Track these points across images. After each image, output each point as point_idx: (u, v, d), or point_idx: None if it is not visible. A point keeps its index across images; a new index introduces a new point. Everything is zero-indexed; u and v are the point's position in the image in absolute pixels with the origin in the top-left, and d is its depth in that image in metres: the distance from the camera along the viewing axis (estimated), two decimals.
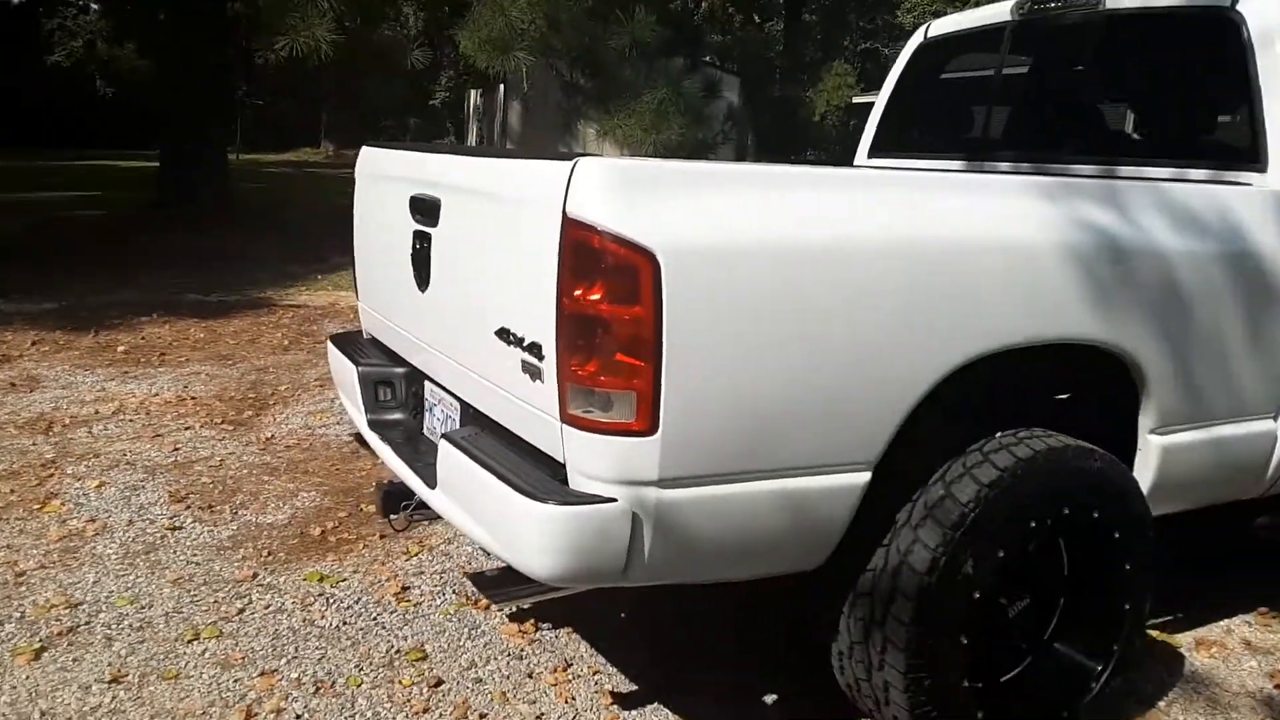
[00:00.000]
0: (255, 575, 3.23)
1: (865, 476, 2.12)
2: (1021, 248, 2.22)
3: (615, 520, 1.88)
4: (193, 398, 5.21)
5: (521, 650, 2.85)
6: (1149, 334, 2.42)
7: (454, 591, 3.17)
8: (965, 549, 2.16)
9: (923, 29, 3.97)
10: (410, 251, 2.57)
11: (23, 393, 5.10)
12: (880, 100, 4.10)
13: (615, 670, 2.78)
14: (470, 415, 2.43)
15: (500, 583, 2.21)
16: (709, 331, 1.87)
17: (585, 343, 1.85)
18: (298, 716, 2.48)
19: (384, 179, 2.86)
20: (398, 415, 2.84)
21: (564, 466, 1.97)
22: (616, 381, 1.84)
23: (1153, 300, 2.42)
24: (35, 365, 5.65)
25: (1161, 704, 2.74)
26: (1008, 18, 3.55)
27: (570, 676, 2.74)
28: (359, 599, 3.09)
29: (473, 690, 2.64)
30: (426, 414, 2.74)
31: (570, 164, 1.86)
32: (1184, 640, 3.08)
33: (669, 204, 1.84)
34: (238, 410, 4.99)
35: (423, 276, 2.52)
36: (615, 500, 1.88)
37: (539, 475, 2.00)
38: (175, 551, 3.37)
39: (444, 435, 2.27)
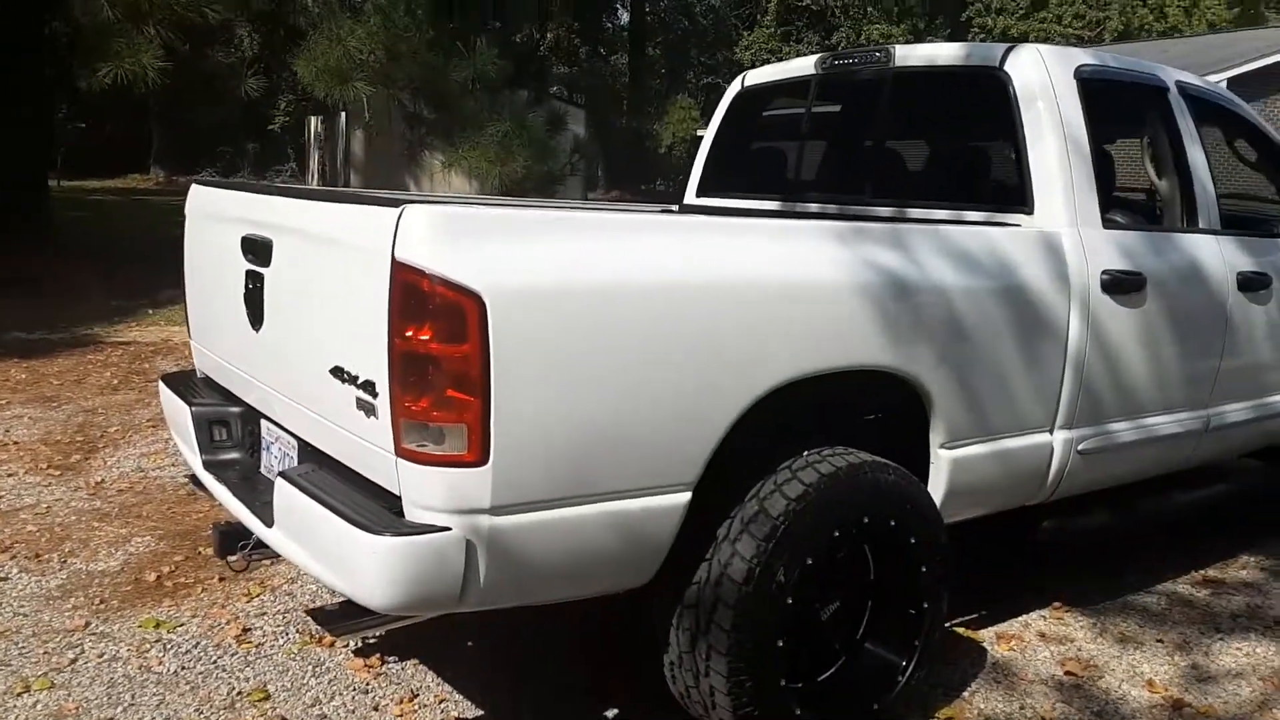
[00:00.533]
0: (88, 624, 3.15)
1: (686, 496, 2.30)
2: (818, 286, 2.45)
3: (450, 548, 1.99)
4: (15, 442, 4.98)
5: (367, 684, 2.89)
6: (932, 360, 2.69)
7: (297, 630, 3.18)
8: (778, 558, 2.36)
9: (740, 79, 4.25)
10: (243, 291, 2.61)
11: None
12: (704, 143, 4.36)
13: (461, 697, 2.86)
14: (308, 452, 2.49)
15: (342, 616, 2.26)
16: (535, 367, 2.00)
17: (417, 380, 1.96)
18: None
19: (215, 218, 2.89)
20: (234, 455, 2.85)
21: (399, 499, 2.07)
22: (448, 416, 1.95)
23: (935, 331, 2.69)
24: None
25: (965, 693, 3.02)
26: (813, 71, 3.87)
27: (417, 706, 2.80)
28: (198, 643, 3.06)
29: None
30: (263, 453, 2.76)
31: (398, 210, 1.96)
32: (986, 635, 3.39)
33: (493, 248, 1.97)
34: (65, 454, 4.80)
35: (256, 316, 2.57)
36: (450, 529, 1.98)
37: (375, 508, 2.09)
38: (0, 603, 3.24)
39: (280, 473, 2.32)
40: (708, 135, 4.38)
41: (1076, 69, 3.25)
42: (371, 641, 3.14)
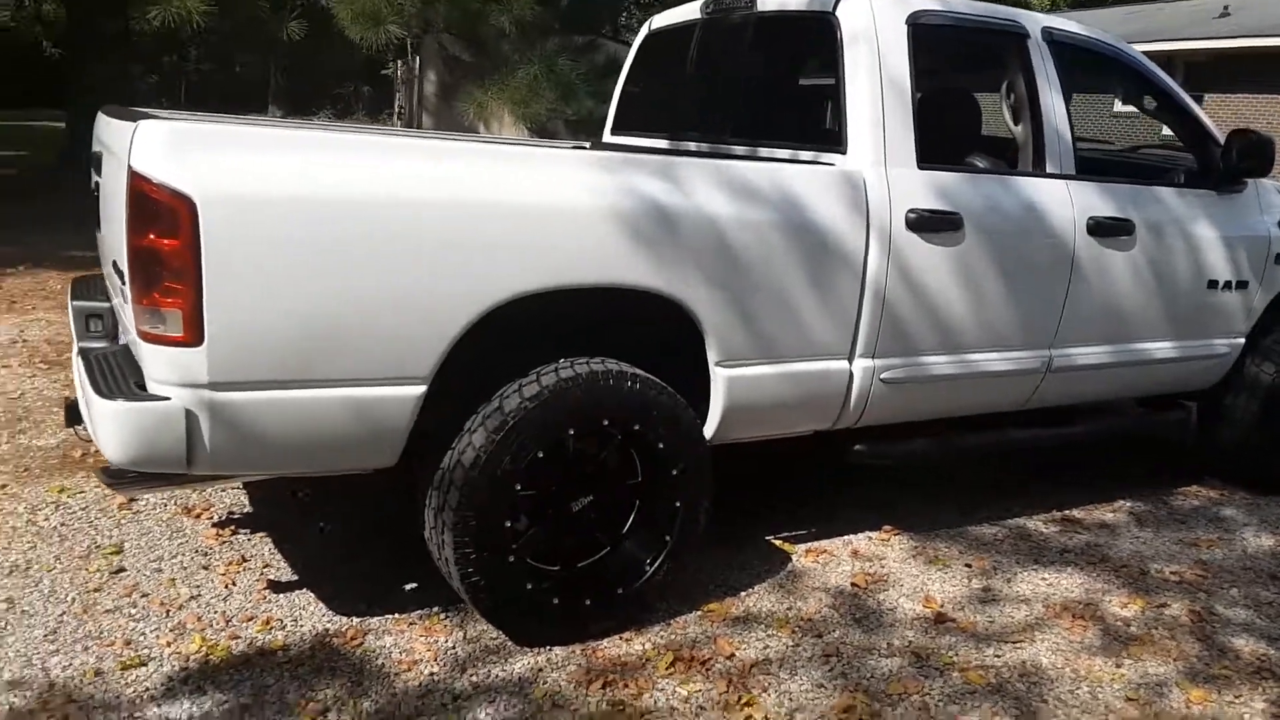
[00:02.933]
0: (4, 486, 3.68)
1: (420, 389, 2.59)
2: (566, 210, 2.68)
3: (170, 415, 2.35)
4: (25, 341, 5.64)
5: (210, 548, 3.33)
6: (702, 285, 2.87)
7: (179, 506, 3.64)
8: (505, 449, 2.66)
9: (648, 22, 4.43)
10: (93, 199, 3.03)
11: None
12: (619, 83, 4.57)
13: (285, 565, 3.27)
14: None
15: (120, 474, 2.64)
16: (247, 263, 2.32)
17: (145, 271, 2.32)
18: None
19: (94, 140, 3.31)
20: (103, 343, 3.28)
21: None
22: (167, 302, 2.30)
23: (705, 258, 2.87)
24: None
25: (743, 593, 3.25)
26: (698, 15, 4.04)
27: (242, 569, 3.21)
28: (86, 508, 3.56)
29: (148, 576, 3.12)
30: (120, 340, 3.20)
31: (134, 124, 2.31)
32: (799, 549, 3.60)
33: (211, 158, 2.28)
34: (59, 352, 5.42)
35: (97, 219, 2.98)
36: (169, 399, 2.35)
37: (124, 381, 2.48)
38: None
39: (79, 350, 2.74)
40: (622, 75, 4.59)
41: (911, 14, 3.34)
42: (236, 517, 3.58)
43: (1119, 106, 17.13)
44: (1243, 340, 4.24)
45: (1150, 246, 3.80)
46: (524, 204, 2.64)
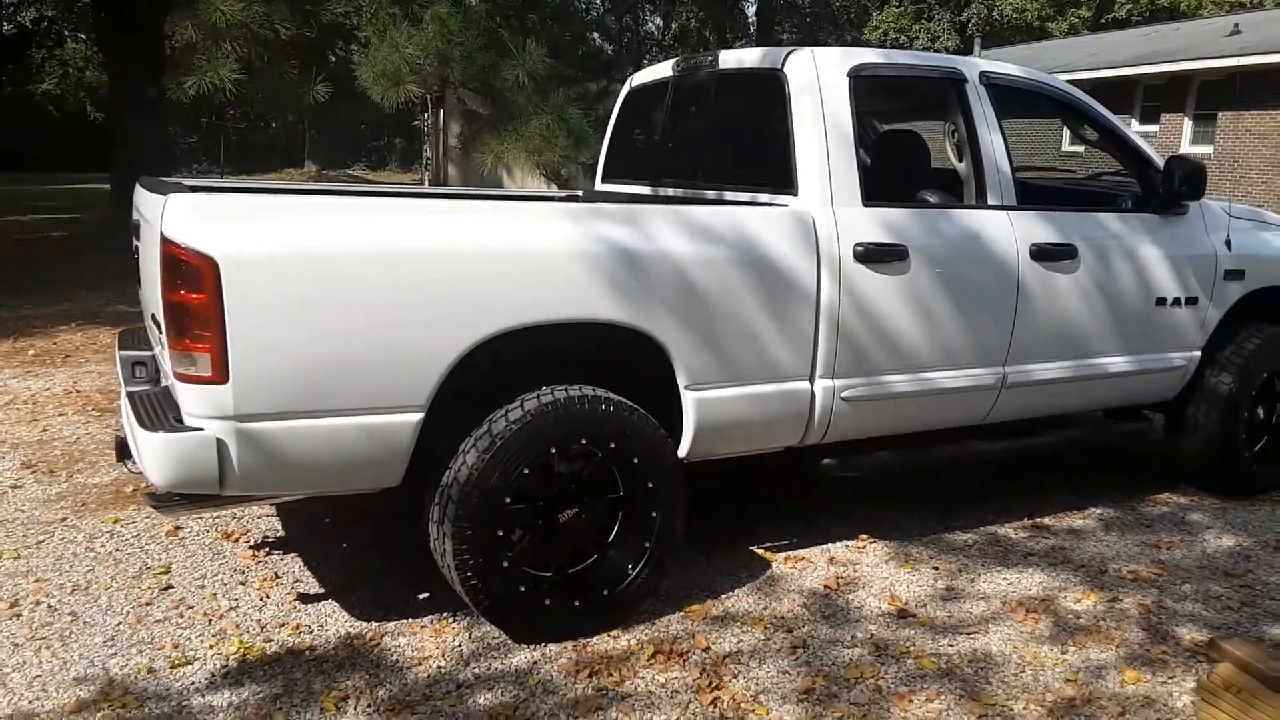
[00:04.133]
0: (65, 519, 4.12)
1: (418, 416, 2.98)
2: (539, 253, 3.08)
3: (202, 444, 2.75)
4: (78, 391, 6.13)
5: (246, 567, 3.73)
6: (666, 316, 3.25)
7: (220, 532, 4.05)
8: (495, 466, 3.04)
9: (629, 80, 4.86)
10: (135, 261, 3.48)
11: None
12: (606, 136, 4.99)
13: (314, 580, 3.66)
14: None
15: (164, 498, 3.04)
16: (265, 312, 2.73)
17: (177, 322, 2.74)
18: (51, 606, 3.37)
19: (134, 207, 3.77)
20: (147, 386, 3.71)
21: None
22: (196, 347, 2.72)
23: (667, 292, 3.25)
24: None
25: (723, 596, 3.58)
26: (670, 73, 4.46)
27: (275, 584, 3.61)
28: (138, 535, 3.98)
29: (192, 591, 3.52)
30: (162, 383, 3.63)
31: (165, 196, 2.74)
32: (778, 557, 3.93)
33: (228, 223, 2.71)
34: (110, 400, 5.90)
35: (137, 277, 3.42)
36: (202, 429, 2.76)
37: (164, 416, 2.89)
38: (9, 504, 4.27)
39: (126, 391, 3.16)
40: (609, 127, 5.01)
41: (851, 68, 3.72)
42: (270, 540, 3.98)
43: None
44: (1198, 353, 4.51)
45: (1095, 268, 4.11)
46: (502, 250, 3.03)
